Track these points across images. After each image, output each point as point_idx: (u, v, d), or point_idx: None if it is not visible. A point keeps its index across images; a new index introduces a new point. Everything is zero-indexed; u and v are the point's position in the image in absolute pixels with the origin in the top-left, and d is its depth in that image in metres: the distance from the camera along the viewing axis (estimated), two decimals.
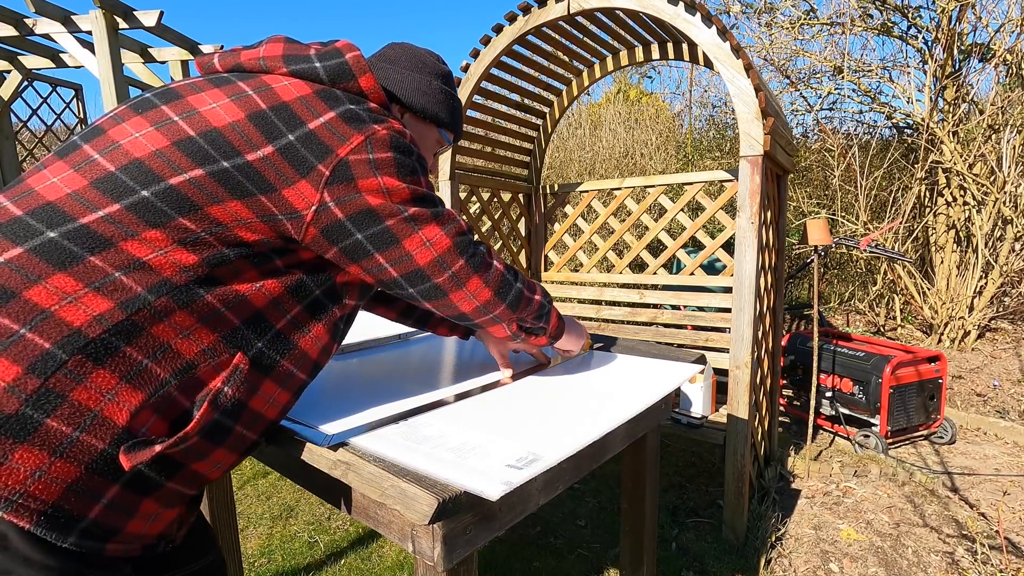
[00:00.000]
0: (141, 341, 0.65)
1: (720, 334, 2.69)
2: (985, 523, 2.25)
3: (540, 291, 0.99)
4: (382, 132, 0.78)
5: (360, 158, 0.75)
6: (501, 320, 0.92)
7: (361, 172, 0.75)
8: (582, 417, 0.91)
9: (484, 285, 0.85)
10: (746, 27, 5.28)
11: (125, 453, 0.63)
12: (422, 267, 0.81)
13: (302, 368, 0.82)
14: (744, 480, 2.08)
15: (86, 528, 0.63)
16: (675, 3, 1.96)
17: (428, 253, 0.81)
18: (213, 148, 0.71)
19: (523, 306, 0.93)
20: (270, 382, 0.78)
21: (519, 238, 3.43)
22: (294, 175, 0.73)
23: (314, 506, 2.41)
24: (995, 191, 4.06)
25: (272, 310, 0.76)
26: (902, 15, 4.55)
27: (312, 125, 0.74)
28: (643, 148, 6.27)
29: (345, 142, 0.75)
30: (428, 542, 0.71)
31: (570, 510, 2.38)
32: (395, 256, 0.80)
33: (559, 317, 1.07)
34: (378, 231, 0.78)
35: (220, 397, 0.71)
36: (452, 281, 0.83)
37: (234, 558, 1.50)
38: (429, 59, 1.04)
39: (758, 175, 1.91)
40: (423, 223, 0.80)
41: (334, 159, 0.74)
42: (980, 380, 3.82)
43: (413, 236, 0.80)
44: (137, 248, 0.67)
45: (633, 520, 1.34)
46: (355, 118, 0.77)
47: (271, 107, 0.74)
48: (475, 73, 2.58)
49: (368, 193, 0.76)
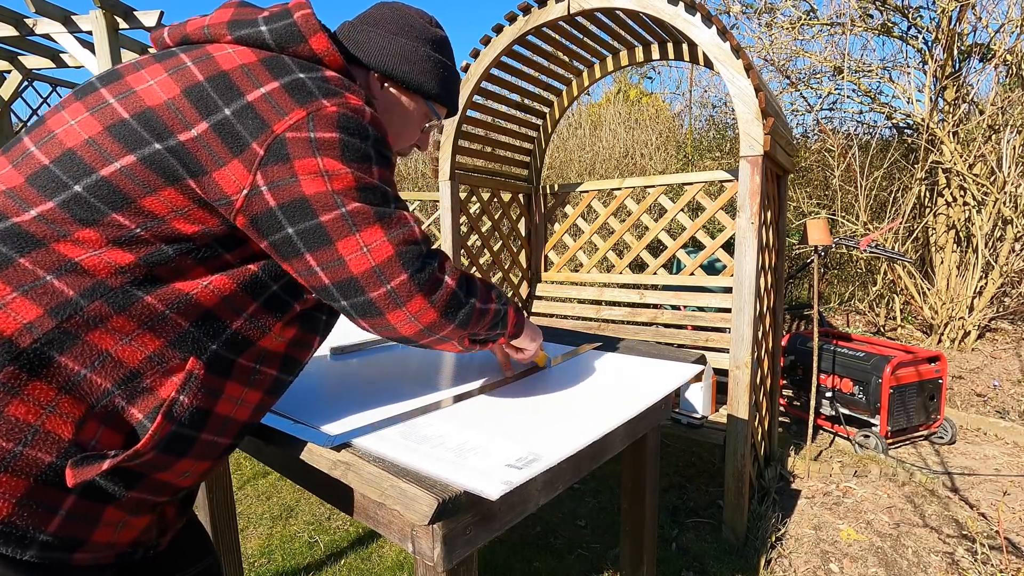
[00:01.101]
0: (76, 350, 0.60)
1: (720, 334, 2.69)
2: (985, 523, 2.25)
3: (496, 295, 0.87)
4: (330, 108, 0.68)
5: (299, 136, 0.65)
6: (449, 339, 0.79)
7: (298, 152, 0.65)
8: (582, 417, 0.91)
9: (429, 306, 0.72)
10: (746, 27, 5.29)
11: (71, 468, 0.59)
12: (356, 276, 0.68)
13: (270, 365, 0.76)
14: (744, 480, 2.08)
15: (47, 542, 0.60)
16: (675, 3, 1.96)
17: (364, 261, 0.68)
18: (147, 130, 0.64)
19: (475, 321, 0.80)
20: (234, 384, 0.72)
21: (519, 238, 3.42)
22: (227, 155, 0.64)
23: (314, 506, 2.41)
24: (995, 191, 4.06)
25: (224, 309, 0.69)
26: (902, 15, 4.55)
27: (251, 97, 0.66)
28: (643, 148, 6.27)
29: (284, 117, 0.65)
30: (428, 542, 0.71)
31: (570, 510, 2.38)
32: (326, 259, 0.68)
33: (517, 312, 0.96)
34: (310, 227, 0.67)
35: (176, 408, 0.65)
36: (390, 298, 0.70)
37: (234, 558, 1.50)
38: (418, 21, 0.90)
39: (758, 175, 1.91)
40: (364, 223, 0.68)
41: (269, 136, 0.65)
42: (980, 380, 3.82)
43: (349, 238, 0.68)
44: (70, 249, 0.62)
45: (633, 520, 1.34)
46: (300, 89, 0.67)
47: (208, 78, 0.66)
48: (475, 73, 2.58)
49: (305, 177, 0.65)
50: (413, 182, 6.37)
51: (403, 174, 6.45)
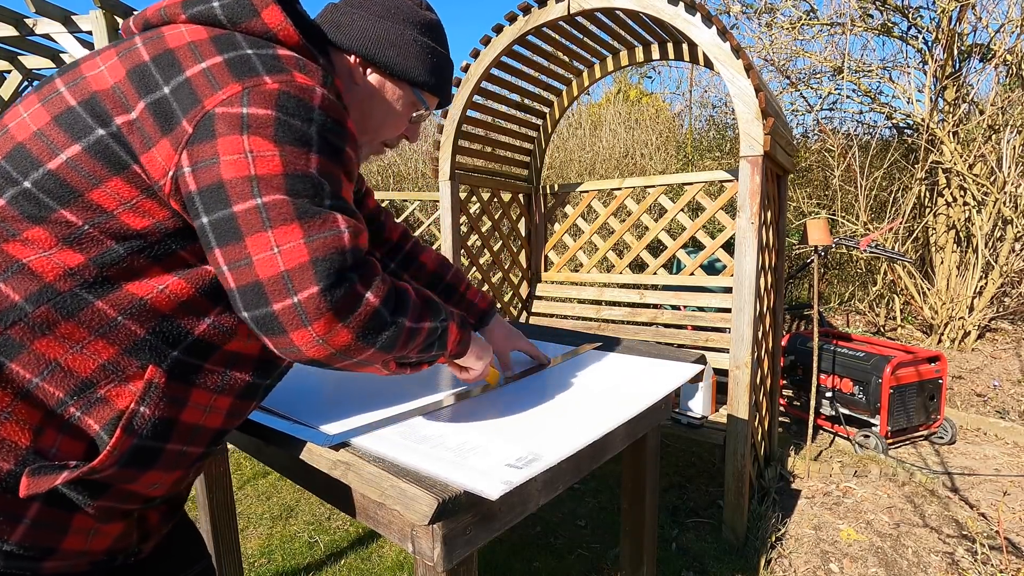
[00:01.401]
0: (24, 358, 0.57)
1: (720, 334, 2.69)
2: (985, 523, 2.25)
3: (432, 312, 0.75)
4: (271, 85, 0.61)
5: (229, 112, 0.59)
6: (370, 363, 0.69)
7: (225, 128, 0.58)
8: (582, 417, 0.91)
9: (342, 327, 0.61)
10: (746, 27, 5.29)
11: (27, 477, 0.56)
12: (261, 281, 0.58)
13: (242, 369, 0.71)
14: (744, 480, 2.08)
15: (11, 552, 0.58)
16: (675, 3, 1.96)
17: (272, 264, 0.58)
18: (91, 116, 0.60)
19: (404, 343, 0.69)
20: (200, 391, 0.67)
21: (519, 238, 3.42)
22: (157, 134, 0.59)
23: (314, 506, 2.41)
24: (995, 191, 4.06)
25: (184, 315, 0.64)
26: (902, 15, 4.55)
27: (189, 72, 0.60)
28: (643, 148, 6.27)
29: (217, 91, 0.59)
30: (428, 542, 0.71)
31: (570, 510, 2.38)
32: (234, 256, 0.59)
33: (462, 328, 0.85)
34: (223, 217, 0.59)
35: (136, 421, 0.61)
36: (294, 314, 0.59)
37: (234, 558, 1.50)
38: (405, 3, 0.84)
39: (758, 175, 1.91)
40: (280, 219, 0.58)
41: (199, 112, 0.59)
42: (980, 380, 3.82)
43: (260, 234, 0.58)
44: (18, 249, 0.58)
45: (633, 520, 1.34)
46: (243, 64, 0.61)
47: (153, 58, 0.61)
48: (475, 73, 2.58)
49: (227, 157, 0.58)
50: (413, 182, 6.37)
51: (403, 174, 6.45)
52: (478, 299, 1.19)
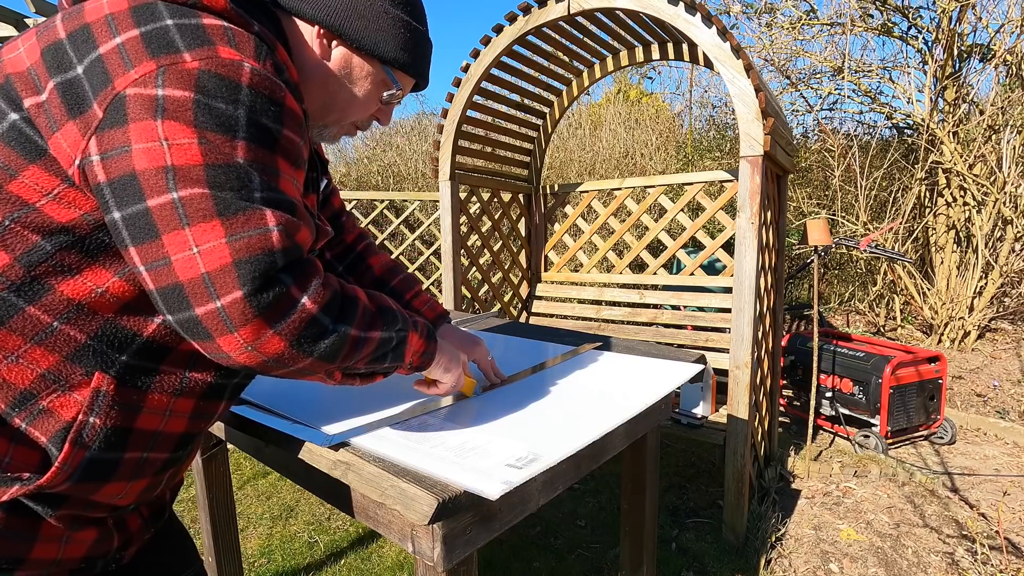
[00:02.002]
0: None
1: (720, 334, 2.69)
2: (985, 523, 2.25)
3: (386, 321, 0.69)
4: (191, 63, 0.53)
5: (143, 93, 0.52)
6: (310, 373, 0.64)
7: (138, 112, 0.52)
8: (582, 417, 0.91)
9: (273, 333, 0.56)
10: (746, 27, 5.29)
11: None
12: (182, 284, 0.53)
13: (203, 369, 0.67)
14: (744, 480, 2.08)
15: None
16: (675, 3, 1.96)
17: (192, 266, 0.53)
18: (6, 101, 0.55)
19: (349, 352, 0.64)
20: (157, 395, 0.63)
21: (519, 238, 3.43)
22: (63, 117, 0.54)
23: (314, 506, 2.41)
24: (995, 191, 4.06)
25: (129, 317, 0.60)
26: (902, 15, 4.55)
27: (103, 49, 0.54)
28: (643, 148, 6.27)
29: (129, 70, 0.53)
30: (428, 542, 0.71)
31: (570, 510, 2.38)
32: (151, 256, 0.54)
33: (426, 339, 0.79)
34: (136, 213, 0.53)
35: (85, 432, 0.57)
36: (219, 319, 0.54)
37: (234, 558, 1.50)
38: None
39: (758, 175, 1.91)
40: (199, 215, 0.53)
41: (110, 93, 0.53)
42: (980, 380, 3.82)
43: (178, 232, 0.53)
44: None
45: (633, 520, 1.34)
46: (160, 39, 0.54)
47: (70, 34, 0.55)
48: (475, 73, 2.58)
49: (139, 145, 0.52)
50: (413, 182, 6.37)
51: (403, 174, 6.44)
52: (425, 308, 1.10)
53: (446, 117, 2.68)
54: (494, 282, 3.22)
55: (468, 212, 2.94)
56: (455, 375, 0.89)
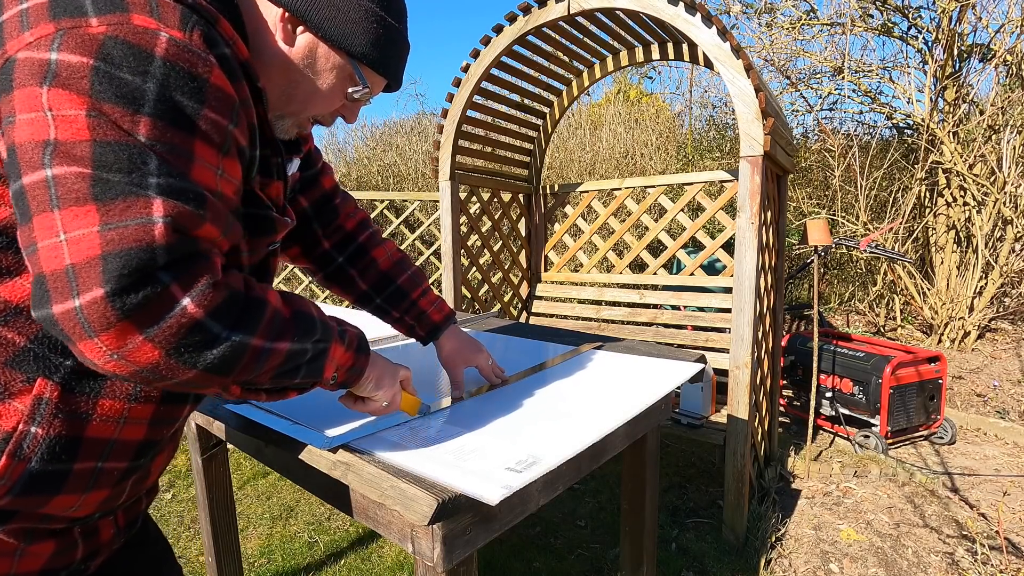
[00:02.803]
0: None
1: (720, 334, 2.69)
2: (985, 523, 2.25)
3: (300, 331, 0.63)
4: (97, 28, 0.48)
5: (34, 57, 0.47)
6: (200, 386, 0.56)
7: (24, 78, 0.47)
8: (582, 418, 0.91)
9: (143, 340, 0.49)
10: (746, 27, 5.28)
11: None
12: (44, 275, 0.47)
13: None
14: (744, 480, 2.08)
15: None
16: (675, 3, 1.96)
17: (57, 255, 0.46)
18: None
19: (247, 365, 0.57)
20: (108, 402, 0.59)
21: (519, 238, 3.43)
22: None
23: (314, 506, 2.41)
24: (995, 192, 4.06)
25: None
26: (902, 15, 4.55)
27: (7, 15, 0.49)
28: (643, 148, 6.27)
29: (23, 32, 0.48)
30: (428, 543, 0.71)
31: (570, 510, 2.38)
32: (24, 241, 0.48)
33: (355, 351, 0.73)
34: (15, 191, 0.48)
35: (26, 443, 0.53)
36: (75, 320, 0.47)
37: (234, 558, 1.50)
38: None
39: (758, 175, 1.91)
40: (71, 199, 0.46)
41: (1, 59, 0.48)
42: (980, 380, 3.82)
43: (46, 215, 0.46)
44: None
45: (633, 520, 1.34)
46: (68, 3, 0.48)
47: None
48: (475, 73, 2.58)
49: (22, 116, 0.47)
50: (413, 182, 6.37)
51: (403, 174, 6.44)
52: (432, 309, 1.05)
53: (446, 117, 2.68)
54: (494, 282, 3.22)
55: (468, 212, 2.94)
56: (389, 393, 0.81)
